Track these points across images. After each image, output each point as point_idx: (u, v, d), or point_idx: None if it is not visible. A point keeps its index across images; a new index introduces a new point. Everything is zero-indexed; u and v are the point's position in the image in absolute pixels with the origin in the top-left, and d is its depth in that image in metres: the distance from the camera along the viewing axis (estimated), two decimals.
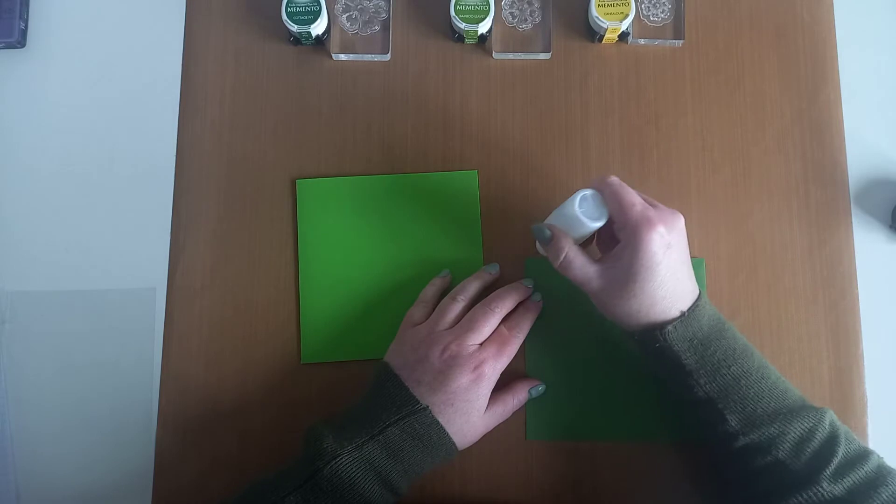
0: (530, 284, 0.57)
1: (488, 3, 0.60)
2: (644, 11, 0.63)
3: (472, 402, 0.52)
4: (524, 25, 0.63)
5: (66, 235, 0.61)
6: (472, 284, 0.57)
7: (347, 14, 0.63)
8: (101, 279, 0.61)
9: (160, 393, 0.58)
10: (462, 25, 0.60)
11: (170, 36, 0.63)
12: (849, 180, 0.61)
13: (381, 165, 0.61)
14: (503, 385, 0.55)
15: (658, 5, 0.63)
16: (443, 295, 0.57)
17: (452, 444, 0.51)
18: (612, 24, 0.60)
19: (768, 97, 0.62)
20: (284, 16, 0.60)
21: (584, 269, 0.50)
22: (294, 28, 0.60)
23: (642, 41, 0.63)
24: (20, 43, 0.64)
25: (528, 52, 0.62)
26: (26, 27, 0.64)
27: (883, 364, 0.59)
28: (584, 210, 0.50)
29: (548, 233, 0.52)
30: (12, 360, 0.60)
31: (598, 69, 0.63)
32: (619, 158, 0.61)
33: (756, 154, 0.61)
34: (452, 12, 0.60)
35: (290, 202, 0.61)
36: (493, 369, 0.52)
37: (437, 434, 0.50)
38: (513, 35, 0.63)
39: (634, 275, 0.47)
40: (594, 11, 0.60)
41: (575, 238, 0.52)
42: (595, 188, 0.51)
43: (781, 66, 0.62)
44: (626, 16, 0.60)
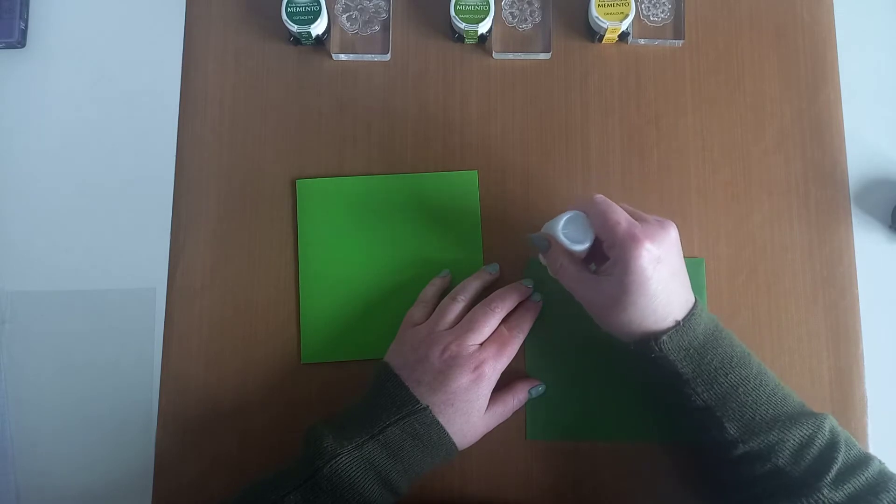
0: (530, 284, 0.58)
1: (488, 3, 0.60)
2: (644, 11, 0.63)
3: (473, 402, 0.52)
4: (524, 25, 0.63)
5: (66, 235, 0.61)
6: (472, 284, 0.57)
7: (347, 14, 0.63)
8: (101, 279, 0.61)
9: (160, 393, 0.58)
10: (462, 25, 0.60)
11: (170, 36, 0.63)
12: (849, 180, 0.61)
13: (381, 165, 0.61)
14: (503, 385, 0.55)
15: (658, 5, 0.63)
16: (443, 295, 0.57)
17: (452, 444, 0.51)
18: (612, 24, 0.60)
19: (768, 97, 0.62)
20: (284, 16, 0.60)
21: (578, 280, 0.51)
22: (294, 28, 0.60)
23: (642, 41, 0.63)
24: (20, 43, 0.64)
25: (528, 52, 0.62)
26: (26, 27, 0.64)
27: (883, 364, 0.59)
28: (567, 233, 0.51)
29: (546, 242, 0.52)
30: (12, 360, 0.60)
31: (598, 69, 0.63)
32: (619, 158, 0.61)
33: (756, 154, 0.61)
34: (452, 12, 0.60)
35: (290, 202, 0.61)
36: (494, 369, 0.52)
37: (437, 434, 0.50)
38: (513, 35, 0.63)
39: (625, 290, 0.48)
40: (594, 11, 0.60)
41: None
42: (580, 208, 0.51)
43: (781, 66, 0.62)
44: (626, 16, 0.60)
